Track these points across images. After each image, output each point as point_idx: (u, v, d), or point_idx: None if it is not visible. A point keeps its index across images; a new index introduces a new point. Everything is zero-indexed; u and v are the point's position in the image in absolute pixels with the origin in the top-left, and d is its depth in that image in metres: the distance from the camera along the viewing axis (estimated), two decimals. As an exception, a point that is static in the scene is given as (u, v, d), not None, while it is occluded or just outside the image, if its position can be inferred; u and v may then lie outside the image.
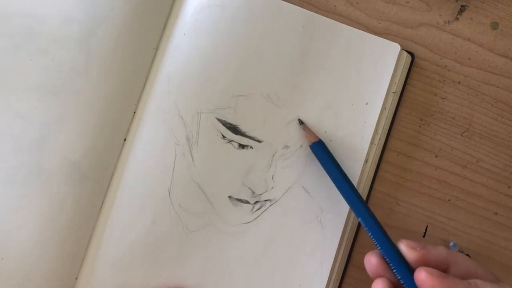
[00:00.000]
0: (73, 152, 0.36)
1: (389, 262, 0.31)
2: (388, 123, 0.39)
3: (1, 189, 0.35)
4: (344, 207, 0.38)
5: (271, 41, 0.38)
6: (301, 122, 0.38)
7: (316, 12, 0.39)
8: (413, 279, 0.30)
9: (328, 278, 0.37)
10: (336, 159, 0.37)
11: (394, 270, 0.31)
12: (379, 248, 0.32)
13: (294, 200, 0.38)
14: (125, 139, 0.38)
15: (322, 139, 0.38)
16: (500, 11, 0.41)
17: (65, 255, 0.36)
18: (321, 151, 0.37)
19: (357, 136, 0.38)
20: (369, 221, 0.33)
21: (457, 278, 0.29)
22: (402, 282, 0.31)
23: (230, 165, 0.38)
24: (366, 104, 0.39)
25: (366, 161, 0.38)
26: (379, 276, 0.32)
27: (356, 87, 0.39)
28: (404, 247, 0.31)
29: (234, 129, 0.38)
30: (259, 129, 0.38)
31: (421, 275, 0.29)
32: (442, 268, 0.30)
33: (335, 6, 0.41)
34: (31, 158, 0.36)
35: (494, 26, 0.41)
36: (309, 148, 0.38)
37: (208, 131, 0.38)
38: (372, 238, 0.33)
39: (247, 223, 0.38)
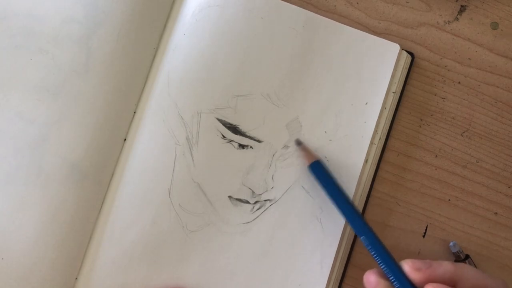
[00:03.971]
0: (73, 152, 0.36)
1: (394, 281, 0.31)
2: (388, 123, 0.39)
3: (1, 189, 0.35)
4: (344, 207, 0.38)
5: (271, 41, 0.38)
6: (299, 142, 0.38)
7: (316, 12, 0.39)
8: None
9: (328, 278, 0.37)
10: (336, 159, 0.37)
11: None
12: (383, 266, 0.32)
13: (294, 200, 0.38)
14: (125, 139, 0.38)
15: (322, 139, 0.38)
16: (500, 11, 0.41)
17: (65, 255, 0.36)
18: (319, 171, 0.36)
19: (357, 136, 0.38)
20: (373, 240, 0.33)
21: None
22: None
23: (230, 165, 0.38)
24: (366, 104, 0.39)
25: (366, 161, 0.38)
26: None
27: (356, 87, 0.39)
28: (409, 269, 0.30)
29: (234, 129, 0.38)
30: (259, 129, 0.38)
31: None
32: (450, 285, 0.30)
33: (335, 6, 0.41)
34: (31, 158, 0.36)
35: (494, 26, 0.41)
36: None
37: (208, 131, 0.38)
38: (375, 257, 0.33)
39: (247, 223, 0.38)
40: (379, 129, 0.39)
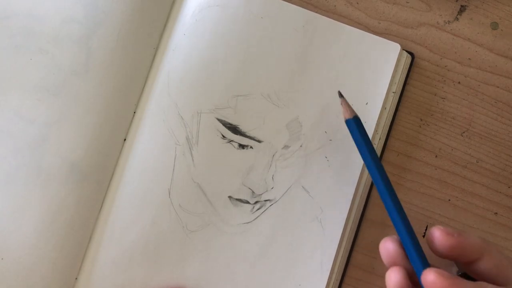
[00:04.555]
0: (73, 152, 0.36)
1: (407, 252, 0.30)
2: (388, 123, 0.39)
3: (1, 189, 0.35)
4: (344, 207, 0.38)
5: (271, 41, 0.38)
6: (340, 95, 0.36)
7: (316, 12, 0.39)
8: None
9: (328, 278, 0.37)
10: (336, 159, 0.37)
11: (411, 261, 0.30)
12: (400, 236, 0.31)
13: (294, 200, 0.38)
14: (125, 139, 0.38)
15: (322, 139, 0.38)
16: (500, 11, 0.41)
17: (65, 255, 0.36)
18: (354, 128, 0.35)
19: (357, 136, 0.38)
20: (394, 209, 0.31)
21: (465, 280, 0.28)
22: (418, 275, 0.29)
23: (230, 165, 0.38)
24: (366, 104, 0.39)
25: (366, 161, 0.38)
26: (395, 264, 0.30)
27: (356, 87, 0.39)
28: (440, 233, 0.29)
29: (234, 129, 0.38)
30: (259, 129, 0.38)
31: (430, 277, 0.28)
32: (475, 257, 0.29)
33: (335, 6, 0.41)
34: (31, 158, 0.36)
35: (494, 26, 0.41)
36: (308, 149, 0.38)
37: (208, 131, 0.38)
38: (396, 226, 0.31)
39: (247, 223, 0.38)
40: (379, 129, 0.39)
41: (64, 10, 0.37)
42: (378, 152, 0.39)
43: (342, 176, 0.38)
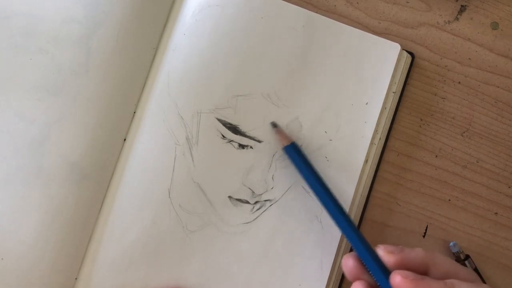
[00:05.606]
0: (73, 152, 0.36)
1: (366, 265, 0.31)
2: (388, 123, 0.39)
3: (1, 189, 0.35)
4: (344, 207, 0.37)
5: (271, 41, 0.38)
6: (274, 125, 0.38)
7: (316, 12, 0.39)
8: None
9: (328, 278, 0.37)
10: (336, 159, 0.37)
11: (371, 273, 0.31)
12: (356, 251, 0.32)
13: (294, 200, 0.38)
14: (125, 139, 0.38)
15: (322, 139, 0.38)
16: (500, 11, 0.41)
17: (65, 255, 0.36)
18: (294, 153, 0.36)
19: (357, 136, 0.38)
20: (344, 224, 0.33)
21: (433, 279, 0.29)
22: (380, 285, 0.30)
23: (230, 165, 0.38)
24: (366, 104, 0.39)
25: (366, 161, 0.38)
26: (357, 278, 0.31)
27: (356, 87, 0.39)
28: (382, 252, 0.31)
29: (234, 129, 0.38)
30: (259, 129, 0.38)
31: (396, 279, 0.29)
32: (422, 270, 0.30)
33: (335, 6, 0.41)
34: (31, 158, 0.36)
35: (494, 26, 0.41)
36: (308, 149, 0.38)
37: (208, 131, 0.38)
38: (348, 241, 0.33)
39: (247, 223, 0.38)
40: (379, 129, 0.39)
41: (64, 10, 0.37)
42: (378, 152, 0.39)
43: (342, 176, 0.38)
